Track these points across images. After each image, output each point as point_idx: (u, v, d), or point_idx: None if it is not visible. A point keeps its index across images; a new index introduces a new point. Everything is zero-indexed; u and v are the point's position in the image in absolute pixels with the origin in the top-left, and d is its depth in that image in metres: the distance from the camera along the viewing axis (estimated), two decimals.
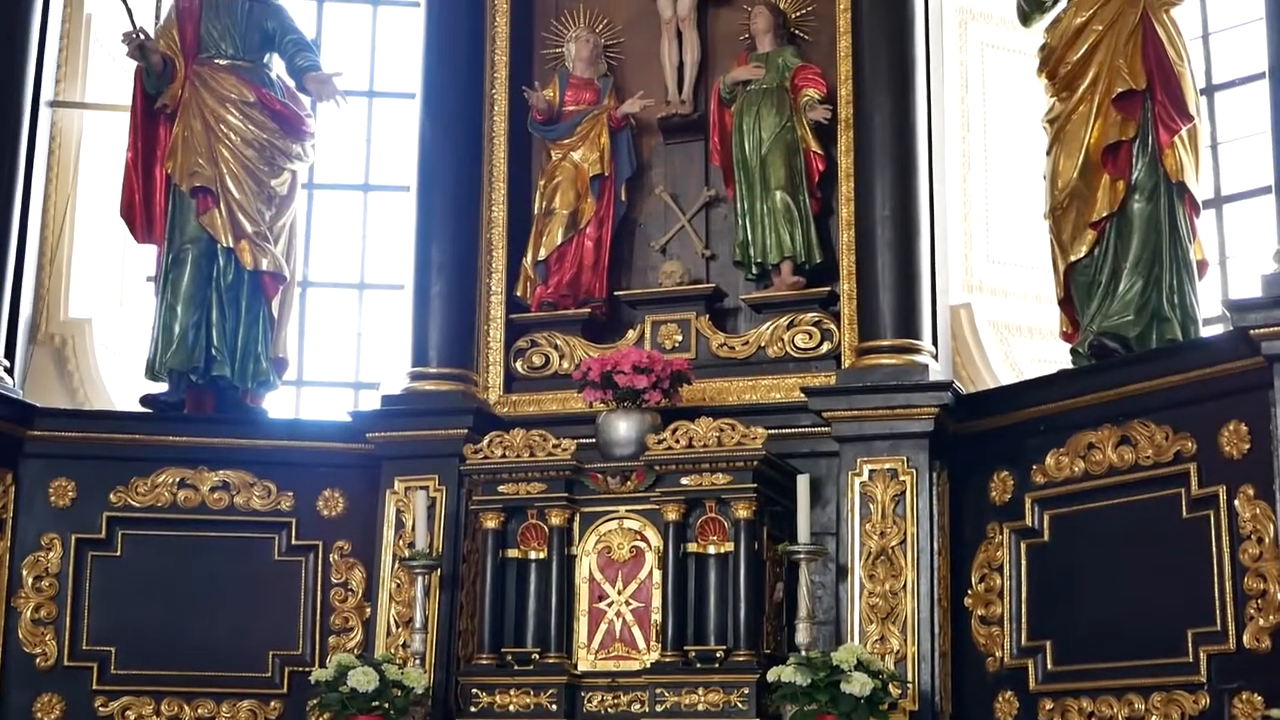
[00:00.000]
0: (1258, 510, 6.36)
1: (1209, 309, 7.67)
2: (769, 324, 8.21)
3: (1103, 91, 7.46)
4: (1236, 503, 6.45)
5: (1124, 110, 7.41)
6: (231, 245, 8.46)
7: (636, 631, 7.30)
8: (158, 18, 9.41)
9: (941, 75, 8.24)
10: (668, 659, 7.10)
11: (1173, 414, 6.78)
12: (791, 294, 8.20)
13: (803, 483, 7.13)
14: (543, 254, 8.54)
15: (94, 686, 7.97)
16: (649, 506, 7.33)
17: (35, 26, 8.46)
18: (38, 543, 8.02)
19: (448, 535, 7.85)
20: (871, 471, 7.41)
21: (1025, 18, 8.03)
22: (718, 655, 7.02)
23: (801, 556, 7.07)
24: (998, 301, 8.68)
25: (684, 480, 7.21)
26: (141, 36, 8.48)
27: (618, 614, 7.34)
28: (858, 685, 6.63)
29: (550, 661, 7.27)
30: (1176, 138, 7.36)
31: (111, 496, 8.11)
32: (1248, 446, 6.46)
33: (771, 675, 6.80)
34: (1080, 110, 7.52)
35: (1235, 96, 8.72)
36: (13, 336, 8.14)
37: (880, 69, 7.87)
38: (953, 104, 8.57)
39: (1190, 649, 6.54)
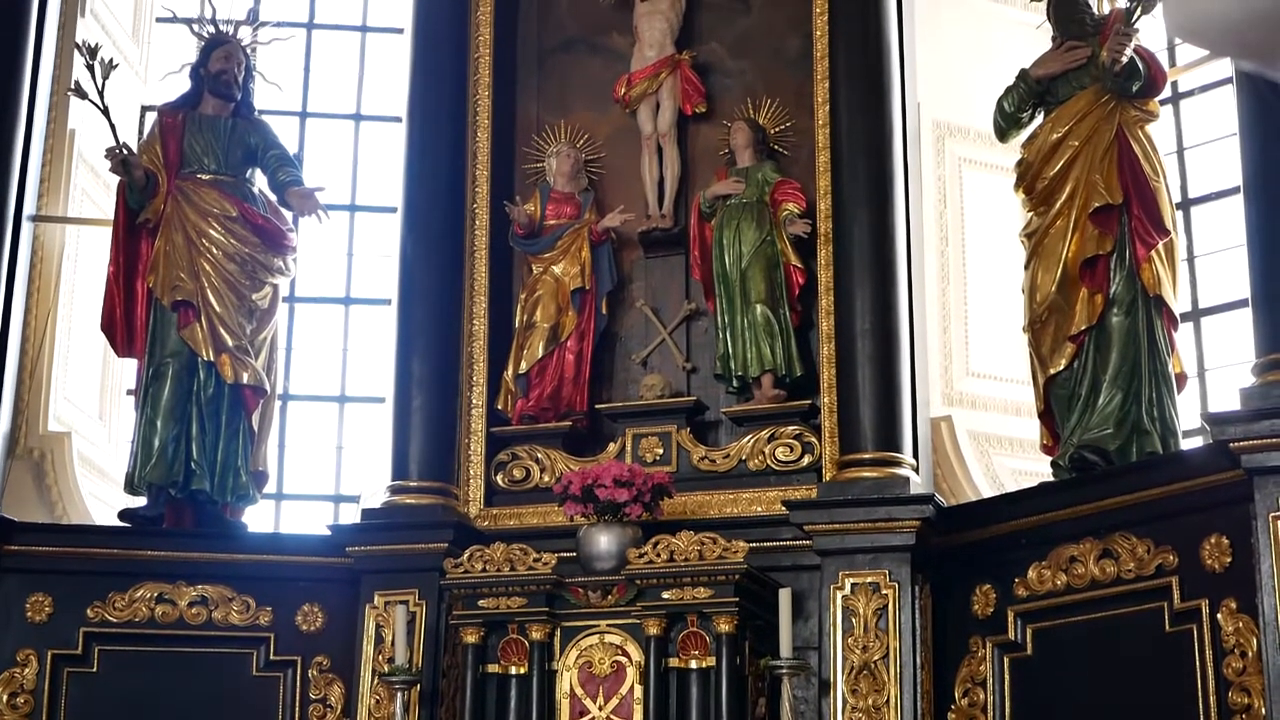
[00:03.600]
0: (1240, 624, 6.34)
1: (1188, 422, 7.69)
2: (750, 437, 8.21)
3: (1080, 206, 7.53)
4: (1219, 616, 6.42)
5: (1101, 225, 7.47)
6: (212, 359, 8.44)
7: None
8: (141, 133, 9.48)
9: (920, 190, 8.32)
10: None
11: (1154, 527, 6.77)
12: (772, 407, 8.22)
13: (784, 597, 7.10)
14: (524, 367, 8.56)
15: None
16: (630, 621, 7.29)
17: (19, 141, 8.49)
18: (14, 659, 7.92)
19: (427, 650, 7.79)
20: (853, 585, 7.38)
21: (1002, 133, 8.10)
22: None
23: (784, 671, 7.03)
24: (978, 414, 8.70)
25: (665, 594, 7.17)
26: (125, 152, 8.51)
27: None
28: None
29: None
30: (1153, 252, 7.42)
31: (89, 612, 8.03)
32: (1229, 559, 6.45)
33: None
34: (1058, 225, 7.58)
35: (1211, 210, 8.80)
36: None
37: (859, 184, 7.94)
38: (931, 218, 8.64)
39: None
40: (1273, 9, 2.04)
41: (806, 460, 8.06)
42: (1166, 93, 8.34)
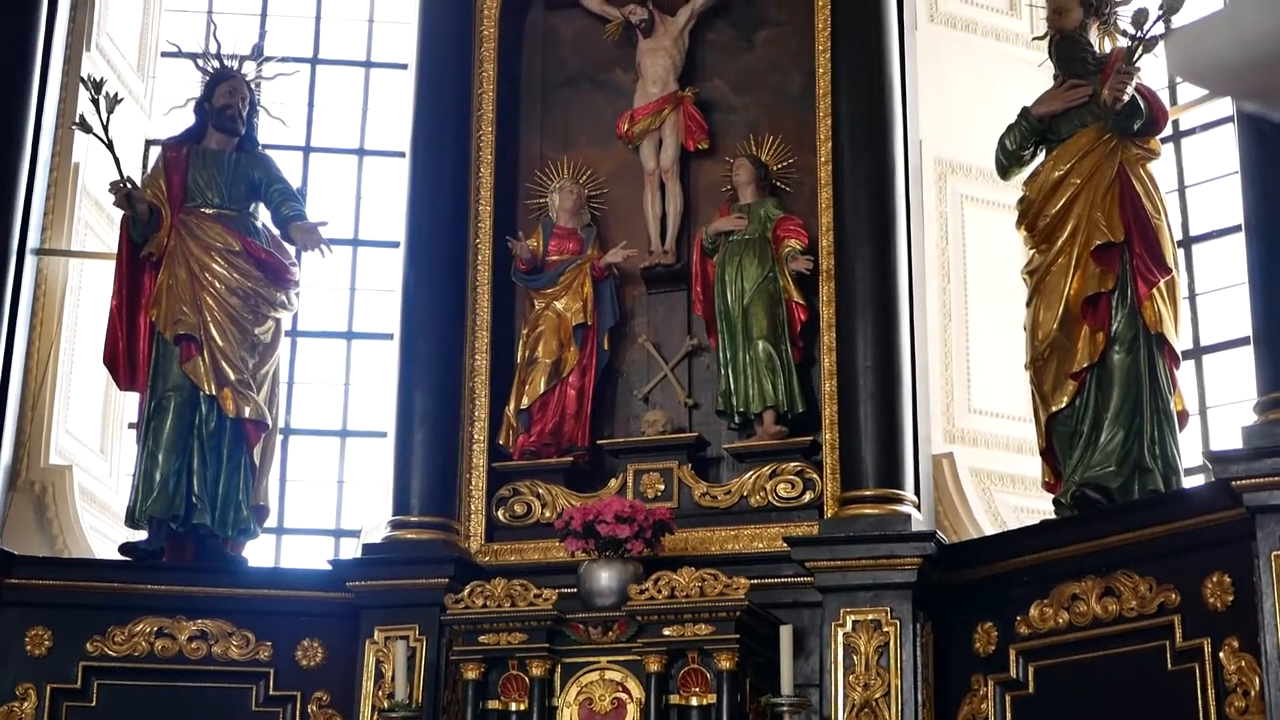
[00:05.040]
0: (1243, 663, 6.32)
1: (1190, 460, 7.68)
2: (751, 473, 8.21)
3: (1081, 244, 7.53)
4: (1221, 655, 6.40)
5: (1103, 262, 7.48)
6: (214, 393, 8.44)
7: None
8: (145, 167, 9.50)
9: (921, 227, 8.33)
10: None
11: (1156, 565, 6.76)
12: (774, 443, 8.21)
13: (785, 634, 7.08)
14: (525, 403, 8.56)
15: None
16: (631, 657, 7.27)
17: (23, 174, 8.52)
18: (13, 693, 7.90)
19: (428, 686, 7.77)
20: (855, 622, 7.36)
21: (1004, 171, 8.12)
22: None
23: (784, 709, 7.00)
24: (979, 451, 8.68)
25: (666, 631, 7.16)
26: (129, 185, 8.53)
27: None
28: None
29: None
30: (1155, 290, 7.42)
31: (88, 646, 8.01)
32: (1231, 598, 6.43)
33: None
34: (1059, 262, 7.59)
35: (1212, 248, 8.81)
36: None
37: (861, 221, 7.95)
38: (933, 255, 8.64)
39: None
40: (1275, 50, 2.05)
41: (808, 497, 8.05)
42: (1168, 131, 8.36)
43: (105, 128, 8.39)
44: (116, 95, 8.53)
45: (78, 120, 8.60)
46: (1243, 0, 2.08)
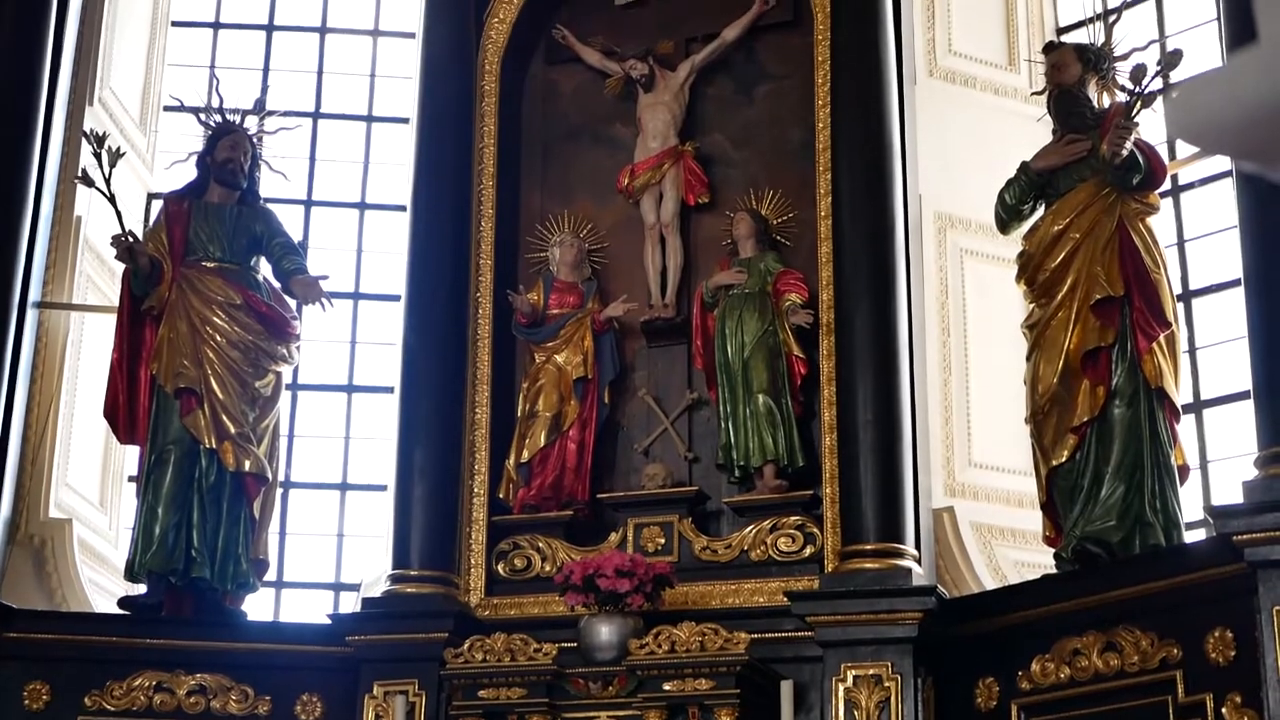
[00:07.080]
0: (1245, 718, 6.30)
1: (1191, 514, 7.68)
2: (752, 527, 8.19)
3: (1081, 298, 7.55)
4: (1224, 711, 6.39)
5: (1102, 317, 7.49)
6: (214, 446, 8.43)
7: None
8: (147, 221, 9.52)
9: (921, 281, 8.35)
10: None
11: (1158, 620, 6.75)
12: (774, 497, 8.20)
13: (786, 689, 7.06)
14: (525, 456, 8.55)
15: None
16: (631, 712, 7.25)
17: (25, 228, 8.54)
18: None
19: None
20: (856, 677, 7.33)
21: (1003, 225, 8.14)
22: None
23: None
24: (980, 505, 8.67)
25: (666, 685, 7.14)
26: (131, 239, 8.55)
27: None
28: None
29: None
30: (1155, 344, 7.43)
31: (86, 700, 7.98)
32: (1234, 653, 6.42)
33: None
34: (1059, 316, 7.60)
35: (1212, 302, 8.81)
36: None
37: (861, 274, 7.97)
38: (932, 309, 8.65)
39: None
40: (1272, 110, 2.06)
41: (809, 551, 8.03)
42: (1167, 185, 8.38)
43: (107, 182, 8.41)
44: (119, 149, 8.56)
45: (80, 174, 8.63)
46: (1241, 59, 2.09)
